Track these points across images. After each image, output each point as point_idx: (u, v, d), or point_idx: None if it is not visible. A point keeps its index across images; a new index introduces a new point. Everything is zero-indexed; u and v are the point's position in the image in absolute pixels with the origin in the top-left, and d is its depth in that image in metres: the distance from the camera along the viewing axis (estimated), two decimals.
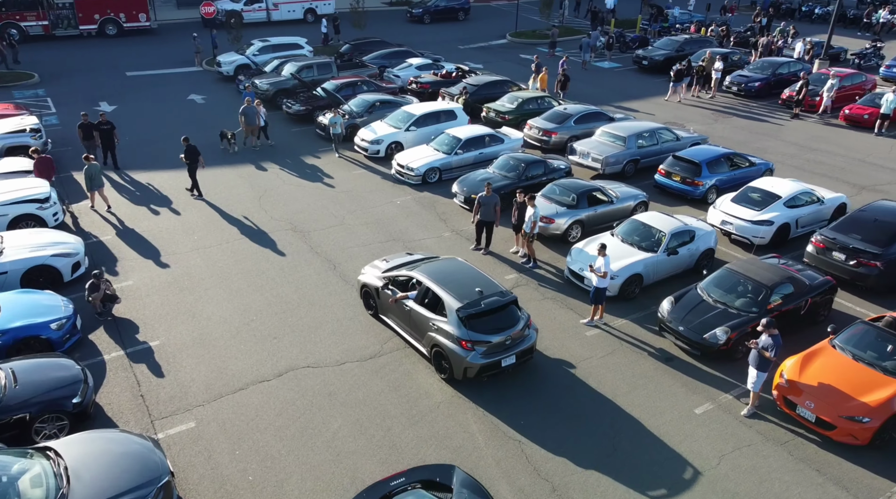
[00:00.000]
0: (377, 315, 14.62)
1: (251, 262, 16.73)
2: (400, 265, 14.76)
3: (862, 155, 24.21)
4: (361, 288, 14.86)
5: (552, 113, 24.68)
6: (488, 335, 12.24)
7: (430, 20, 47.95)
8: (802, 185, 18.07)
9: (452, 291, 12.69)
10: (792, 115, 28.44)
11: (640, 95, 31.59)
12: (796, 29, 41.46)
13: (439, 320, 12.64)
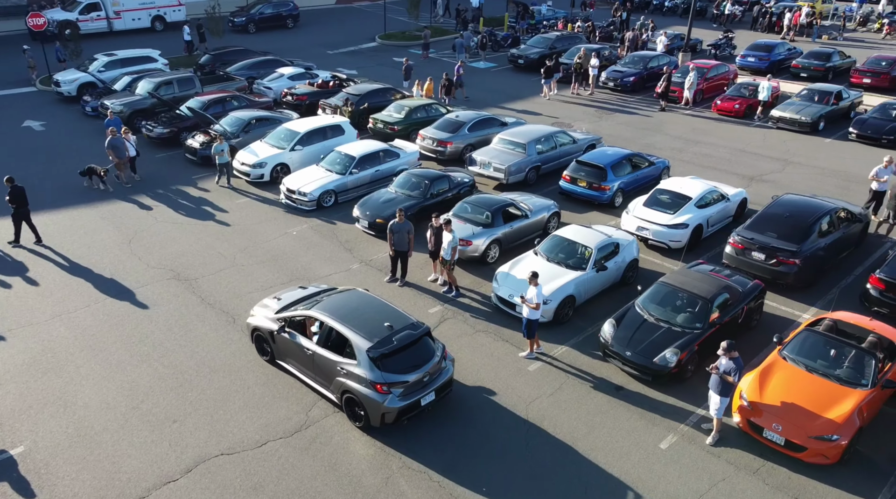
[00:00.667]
0: (273, 361, 13.01)
1: (130, 325, 14.21)
2: (295, 302, 13.21)
3: (741, 145, 25.05)
4: (252, 332, 13.18)
5: (444, 121, 23.51)
6: (404, 374, 11.13)
7: (255, 29, 43.62)
8: (707, 183, 18.09)
9: (359, 329, 11.45)
10: (659, 108, 29.19)
11: (520, 95, 31.20)
12: (654, 22, 43.09)
13: (348, 363, 11.34)
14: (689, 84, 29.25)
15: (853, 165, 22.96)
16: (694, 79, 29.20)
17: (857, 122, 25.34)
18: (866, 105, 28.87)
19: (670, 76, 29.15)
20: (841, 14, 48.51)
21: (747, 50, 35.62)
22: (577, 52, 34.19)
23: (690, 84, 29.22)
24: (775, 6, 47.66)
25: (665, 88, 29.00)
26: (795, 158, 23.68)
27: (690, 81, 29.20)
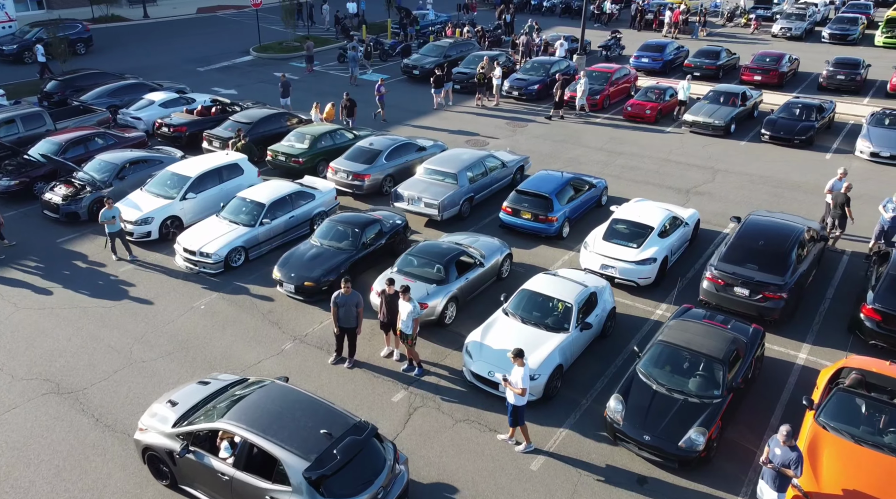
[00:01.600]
0: (175, 486, 10.25)
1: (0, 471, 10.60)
2: (197, 407, 10.47)
3: (663, 153, 24.27)
4: (144, 451, 10.31)
5: (357, 151, 20.82)
6: (354, 496, 8.93)
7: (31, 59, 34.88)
8: (661, 207, 16.74)
9: (289, 443, 9.10)
10: (554, 116, 28.02)
11: (422, 110, 28.98)
12: (538, 24, 42.28)
13: (279, 491, 8.96)
14: (582, 92, 28.23)
15: (776, 169, 22.70)
16: (585, 86, 28.15)
17: (768, 123, 25.31)
18: (767, 103, 29.23)
19: (562, 84, 28.00)
20: (704, 10, 50.24)
21: (640, 51, 35.43)
22: (475, 60, 32.48)
23: (583, 91, 28.21)
24: (648, 4, 48.52)
25: (560, 97, 27.78)
26: (720, 165, 23.14)
27: (582, 89, 28.14)
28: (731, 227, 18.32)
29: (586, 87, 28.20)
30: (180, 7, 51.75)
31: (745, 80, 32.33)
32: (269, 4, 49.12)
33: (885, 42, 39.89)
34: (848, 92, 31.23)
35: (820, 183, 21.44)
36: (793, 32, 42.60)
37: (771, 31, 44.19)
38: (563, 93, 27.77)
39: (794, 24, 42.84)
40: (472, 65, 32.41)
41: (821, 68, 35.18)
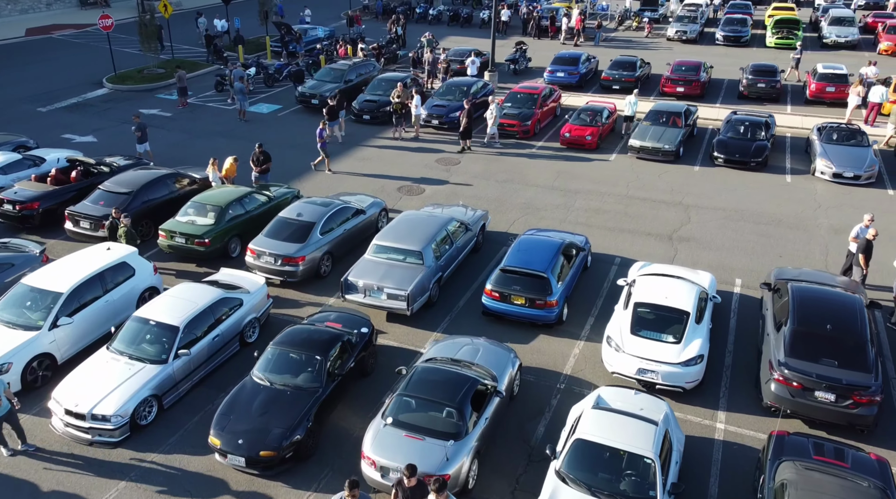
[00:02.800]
0: None
1: None
2: None
3: (622, 187, 21.68)
4: None
5: (281, 225, 16.39)
6: None
7: None
8: (685, 281, 13.85)
9: None
10: (459, 149, 24.78)
11: (337, 151, 24.71)
12: (432, 35, 38.87)
13: None
14: (494, 118, 24.90)
15: (745, 200, 20.71)
16: (497, 112, 24.97)
17: (720, 145, 23.44)
18: (703, 118, 27.58)
19: (471, 113, 24.49)
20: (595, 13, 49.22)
21: (554, 64, 32.92)
22: (380, 84, 28.55)
23: (494, 118, 24.87)
24: (541, 10, 46.59)
25: (466, 126, 24.24)
26: (687, 199, 20.86)
27: (494, 115, 24.90)
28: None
29: (498, 113, 25.05)
30: (2, 28, 43.34)
31: (666, 92, 30.73)
32: (119, 21, 42.19)
33: (778, 43, 40.20)
34: (769, 100, 30.43)
35: (796, 213, 19.67)
36: (688, 35, 42.11)
37: (666, 34, 43.56)
38: (470, 121, 24.36)
39: (688, 26, 42.37)
40: (378, 90, 28.45)
41: (728, 74, 34.54)
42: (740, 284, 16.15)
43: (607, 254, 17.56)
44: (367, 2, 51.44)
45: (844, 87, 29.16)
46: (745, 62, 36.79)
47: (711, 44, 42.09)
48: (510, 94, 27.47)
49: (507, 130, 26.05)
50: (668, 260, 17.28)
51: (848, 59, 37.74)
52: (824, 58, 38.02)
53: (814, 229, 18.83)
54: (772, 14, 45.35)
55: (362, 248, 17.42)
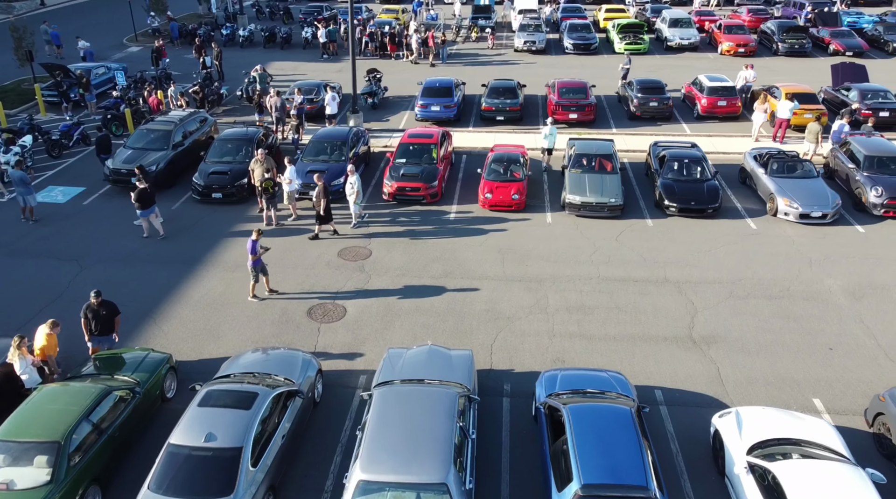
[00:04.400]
0: None
1: None
2: None
3: (584, 265, 17.37)
4: None
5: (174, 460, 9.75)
6: None
7: None
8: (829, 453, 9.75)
9: None
10: (322, 233, 18.89)
11: (173, 251, 17.69)
12: (264, 68, 31.86)
13: None
14: (357, 194, 18.95)
15: (735, 264, 17.41)
16: (358, 184, 18.87)
17: (668, 191, 20.05)
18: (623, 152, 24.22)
19: (325, 190, 18.29)
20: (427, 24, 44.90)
21: (425, 96, 27.80)
22: (224, 147, 21.68)
23: (357, 193, 18.92)
24: (372, 24, 41.19)
25: (325, 206, 18.33)
26: (669, 271, 17.05)
27: (355, 189, 18.87)
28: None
29: (359, 185, 19.09)
30: None
31: (558, 119, 27.12)
32: None
33: (627, 49, 38.70)
34: (662, 119, 28.10)
35: (795, 276, 16.72)
36: (537, 45, 39.26)
37: (513, 45, 40.37)
38: (327, 199, 18.39)
39: (535, 35, 39.49)
40: (226, 156, 21.56)
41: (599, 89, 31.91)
42: (823, 408, 12.51)
43: (646, 386, 13.07)
44: (155, 24, 42.35)
45: (735, 101, 27.63)
46: (601, 72, 34.61)
47: (561, 53, 39.67)
48: (400, 147, 21.98)
49: (408, 194, 20.65)
50: (711, 378, 13.22)
51: (692, 61, 37.22)
52: (669, 62, 37.17)
53: (828, 297, 15.92)
54: (608, 17, 44.18)
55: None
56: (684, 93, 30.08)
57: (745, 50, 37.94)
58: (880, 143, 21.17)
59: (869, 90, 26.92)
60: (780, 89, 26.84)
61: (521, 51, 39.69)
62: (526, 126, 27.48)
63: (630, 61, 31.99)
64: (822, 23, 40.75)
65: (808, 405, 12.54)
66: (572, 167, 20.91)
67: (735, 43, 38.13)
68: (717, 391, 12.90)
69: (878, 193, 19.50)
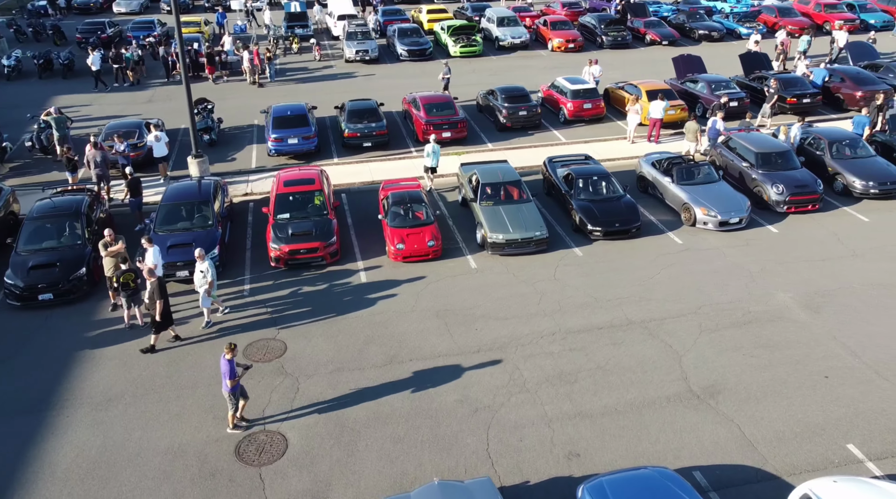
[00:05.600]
0: None
1: None
2: None
3: (541, 318, 15.25)
4: None
5: None
6: None
7: None
8: None
9: None
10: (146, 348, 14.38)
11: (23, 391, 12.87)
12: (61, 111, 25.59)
13: None
14: (208, 286, 14.62)
15: (685, 291, 16.29)
16: (212, 273, 14.64)
17: (588, 214, 18.52)
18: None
19: (162, 288, 13.92)
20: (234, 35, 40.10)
21: (277, 128, 23.80)
22: (52, 229, 16.52)
23: (210, 284, 14.62)
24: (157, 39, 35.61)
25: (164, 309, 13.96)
26: (626, 310, 15.48)
27: (209, 280, 14.57)
28: None
29: (213, 273, 14.70)
30: None
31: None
32: None
33: (463, 52, 37.24)
34: (532, 127, 26.86)
35: (749, 295, 16.01)
36: (370, 55, 36.38)
37: (344, 55, 37.03)
38: (164, 298, 13.89)
39: (367, 44, 36.56)
40: (49, 240, 16.40)
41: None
42: (863, 456, 11.54)
43: (683, 469, 11.18)
44: None
45: (599, 102, 27.17)
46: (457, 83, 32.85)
47: (395, 61, 37.20)
48: (279, 199, 18.23)
49: (304, 257, 17.14)
50: (739, 443, 11.75)
51: (528, 61, 36.82)
52: (507, 62, 36.42)
53: (789, 314, 15.32)
54: (433, 19, 42.43)
55: None
56: (543, 96, 29.15)
57: (574, 45, 38.25)
58: (764, 139, 21.51)
59: (713, 81, 27.82)
60: (639, 87, 26.86)
61: (353, 61, 36.58)
62: (396, 151, 24.77)
63: (450, 70, 29.61)
64: (632, 14, 42.47)
65: (848, 456, 11.53)
66: (482, 200, 18.67)
67: (564, 39, 38.29)
68: (755, 459, 11.46)
69: (779, 191, 19.64)
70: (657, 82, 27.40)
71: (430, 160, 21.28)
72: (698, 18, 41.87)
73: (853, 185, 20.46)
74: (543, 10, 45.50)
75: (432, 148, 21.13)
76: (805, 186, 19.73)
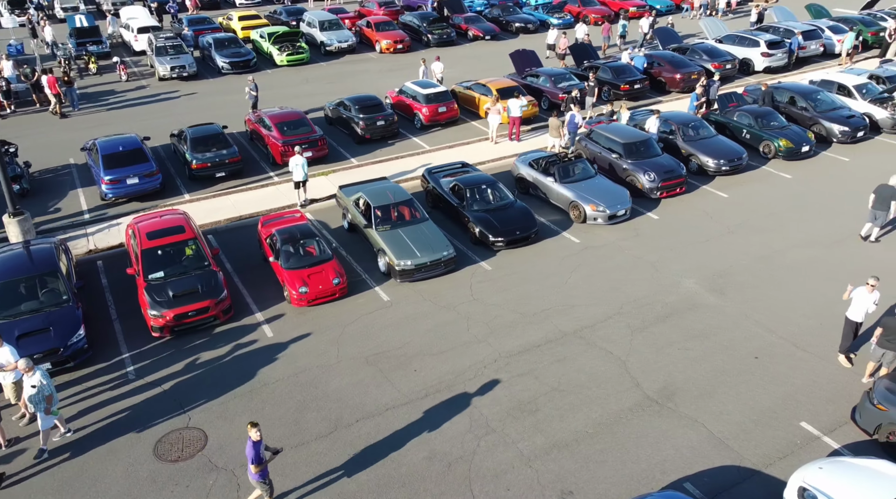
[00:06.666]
0: None
1: None
2: None
3: (476, 347, 14.46)
4: None
5: None
6: None
7: None
8: None
9: None
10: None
11: None
12: None
13: None
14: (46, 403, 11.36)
15: (604, 292, 16.38)
16: (47, 386, 11.32)
17: (487, 225, 18.02)
18: None
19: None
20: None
21: (111, 168, 20.46)
22: None
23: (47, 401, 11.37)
24: None
25: None
26: (555, 322, 15.20)
27: (42, 393, 11.27)
28: None
29: (50, 386, 11.45)
30: None
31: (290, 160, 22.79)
32: None
33: (290, 61, 35.02)
34: (391, 137, 25.81)
35: (660, 287, 16.48)
36: (188, 70, 32.86)
37: (157, 73, 33.04)
38: None
39: (182, 59, 32.96)
40: None
41: None
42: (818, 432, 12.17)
43: (673, 483, 11.00)
44: None
45: (452, 104, 26.81)
46: (279, 92, 30.76)
47: (217, 75, 34.04)
48: (145, 256, 15.54)
49: (194, 320, 14.78)
50: (714, 444, 11.90)
51: (362, 64, 35.67)
52: (341, 68, 35.00)
53: (700, 300, 15.98)
54: (247, 26, 39.42)
55: None
56: (391, 103, 28.20)
57: (402, 46, 37.62)
58: (626, 129, 22.36)
59: (553, 74, 28.66)
60: (489, 86, 26.93)
61: (169, 79, 32.89)
62: (254, 177, 22.53)
63: (256, 86, 26.71)
64: (450, 10, 42.75)
65: (805, 434, 12.13)
66: (379, 225, 17.39)
67: (392, 40, 37.50)
68: (732, 457, 11.65)
69: (651, 179, 20.55)
70: (505, 80, 27.60)
71: (299, 174, 19.79)
72: (512, 12, 43.20)
73: (707, 164, 22.02)
74: (359, 11, 44.32)
75: (299, 160, 19.69)
76: (672, 170, 20.84)
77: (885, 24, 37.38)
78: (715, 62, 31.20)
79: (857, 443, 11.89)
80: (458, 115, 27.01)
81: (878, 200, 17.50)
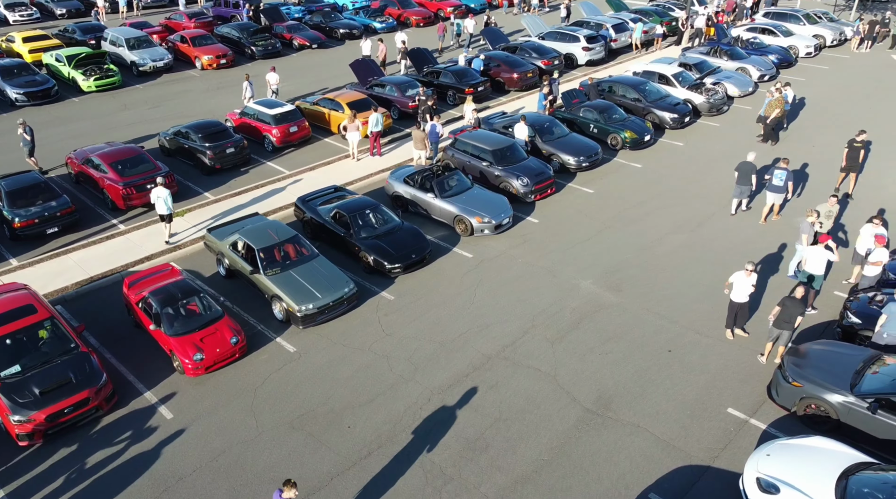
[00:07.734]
0: None
1: None
2: None
3: (413, 388, 13.67)
4: None
5: None
6: None
7: None
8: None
9: None
10: None
11: None
12: None
13: None
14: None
15: (510, 308, 16.25)
16: None
17: (382, 252, 17.16)
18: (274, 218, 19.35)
19: None
20: None
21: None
22: None
23: None
24: None
25: None
26: (474, 345, 14.82)
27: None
28: None
29: None
30: None
31: (135, 205, 20.27)
32: None
33: (99, 86, 31.15)
34: (243, 164, 23.87)
35: (564, 295, 16.76)
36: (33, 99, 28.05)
37: None
38: None
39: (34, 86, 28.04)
40: None
41: None
42: (744, 415, 12.96)
43: (641, 496, 11.14)
44: None
45: (303, 122, 25.39)
46: (99, 123, 27.40)
47: (10, 109, 29.38)
48: None
49: (72, 417, 12.49)
50: (662, 446, 12.26)
51: (184, 84, 32.76)
52: (160, 90, 31.89)
53: (601, 300, 16.45)
54: (35, 49, 34.41)
55: None
56: (234, 126, 26.12)
57: (226, 60, 35.05)
58: (490, 135, 22.47)
59: (399, 83, 28.21)
60: (338, 100, 25.89)
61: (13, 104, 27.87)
62: (94, 227, 19.71)
63: (31, 130, 22.55)
64: (268, 19, 40.60)
65: (735, 420, 12.88)
66: (267, 269, 15.89)
67: (214, 55, 34.77)
68: (682, 457, 12.04)
69: (524, 183, 20.86)
70: (353, 93, 26.65)
71: (161, 208, 17.86)
72: (335, 18, 42.02)
73: (568, 162, 22.83)
74: (167, 24, 40.66)
75: (158, 193, 17.84)
76: (542, 172, 21.31)
77: (674, 14, 41.39)
78: (544, 59, 32.54)
79: (779, 420, 12.86)
80: (310, 134, 25.64)
81: (741, 175, 19.30)
